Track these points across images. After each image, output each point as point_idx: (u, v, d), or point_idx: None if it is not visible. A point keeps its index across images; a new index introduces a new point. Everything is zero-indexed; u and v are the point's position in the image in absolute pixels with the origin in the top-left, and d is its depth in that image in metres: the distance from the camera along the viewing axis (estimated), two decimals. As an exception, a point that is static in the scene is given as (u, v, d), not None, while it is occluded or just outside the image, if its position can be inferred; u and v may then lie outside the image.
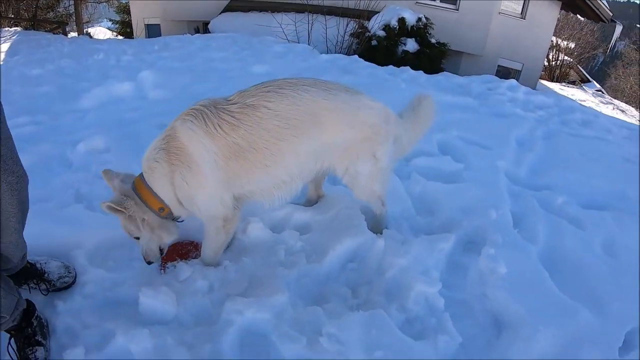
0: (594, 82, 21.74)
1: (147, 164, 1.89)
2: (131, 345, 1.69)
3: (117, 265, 2.11)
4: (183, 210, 1.99)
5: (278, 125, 1.84)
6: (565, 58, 21.43)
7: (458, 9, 11.17)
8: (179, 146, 1.81)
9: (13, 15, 15.02)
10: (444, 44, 9.84)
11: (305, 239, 2.32)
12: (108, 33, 21.87)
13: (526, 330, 1.88)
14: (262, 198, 2.03)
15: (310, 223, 2.47)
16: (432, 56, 9.47)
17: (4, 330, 1.65)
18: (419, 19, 9.60)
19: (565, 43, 21.66)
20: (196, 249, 2.24)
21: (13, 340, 1.68)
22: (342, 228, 2.32)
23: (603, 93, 20.06)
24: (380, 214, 2.35)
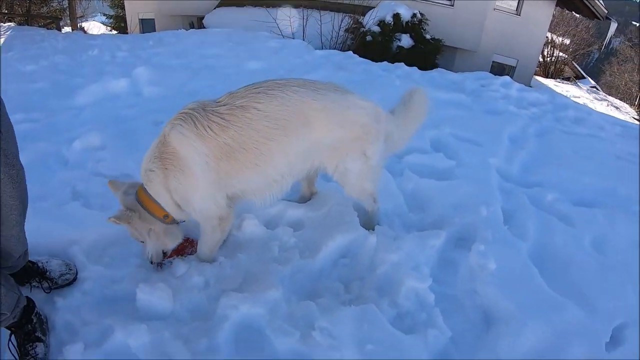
0: (589, 79, 21.73)
1: (145, 174, 1.92)
2: (130, 340, 1.71)
3: (114, 262, 2.13)
4: (183, 214, 2.02)
5: (267, 125, 1.86)
6: (560, 54, 21.39)
7: (453, 5, 11.12)
8: (171, 151, 1.84)
9: (6, 11, 14.87)
10: (438, 40, 9.82)
11: (299, 235, 2.34)
12: (102, 28, 21.71)
13: (515, 325, 1.90)
14: (254, 197, 2.06)
15: (303, 219, 2.49)
16: (427, 52, 9.47)
17: (5, 327, 1.67)
18: (414, 15, 9.58)
19: (560, 39, 21.63)
20: (192, 245, 2.26)
21: (13, 337, 1.70)
22: (335, 224, 2.34)
23: (598, 89, 20.08)
24: (372, 210, 2.38)
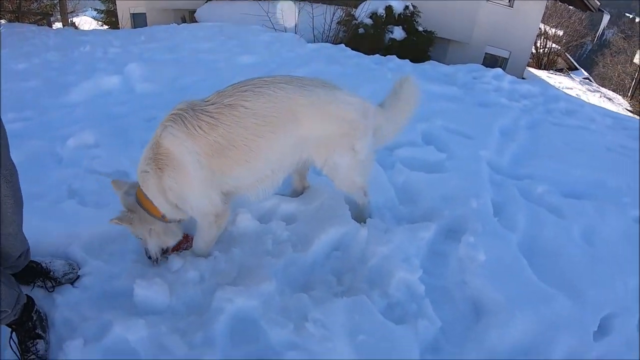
0: (582, 70, 21.72)
1: (140, 176, 1.96)
2: (128, 335, 1.75)
3: (111, 258, 2.16)
4: (179, 213, 2.05)
5: (256, 122, 1.89)
6: (553, 46, 21.37)
7: (445, -4, 11.16)
8: (164, 152, 1.87)
9: (-3, 8, 14.69)
10: (431, 32, 9.83)
11: (292, 228, 2.37)
12: (93, 23, 21.51)
13: (504, 315, 1.95)
14: (248, 192, 2.10)
15: (296, 213, 2.52)
16: (419, 44, 9.49)
17: (6, 325, 1.70)
18: (406, 7, 9.58)
19: (553, 31, 21.59)
20: (187, 240, 2.29)
21: (14, 335, 1.73)
22: (327, 218, 2.37)
23: (591, 81, 20.06)
24: (363, 203, 2.41)
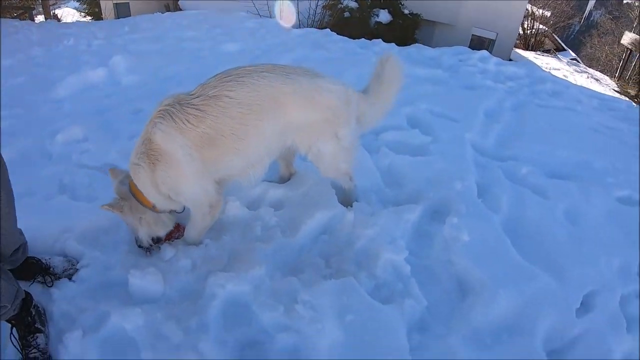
0: (569, 51, 21.65)
1: (132, 168, 2.00)
2: (125, 324, 1.80)
3: (105, 249, 2.20)
4: (171, 204, 2.11)
5: (241, 111, 1.93)
6: (541, 27, 21.31)
7: (430, -22, 11.09)
8: (156, 147, 1.92)
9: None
10: (417, 15, 9.81)
11: (280, 214, 2.43)
12: (76, 14, 21.08)
13: (488, 294, 2.02)
14: (240, 178, 2.17)
15: (283, 199, 2.57)
16: (405, 27, 9.48)
17: (6, 321, 1.74)
18: (392, -10, 9.58)
19: (540, 12, 21.50)
20: (178, 230, 2.33)
21: (15, 330, 1.77)
22: (314, 203, 2.43)
23: (578, 62, 19.99)
24: (349, 188, 2.47)
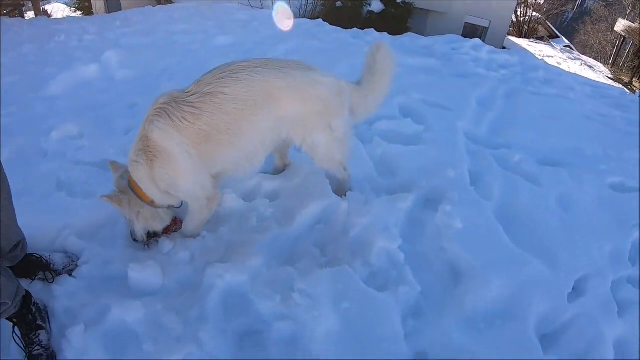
0: (563, 38, 21.49)
1: (131, 165, 2.04)
2: (126, 317, 1.84)
3: (104, 244, 2.23)
4: (170, 199, 2.15)
5: (236, 107, 1.97)
6: (534, 14, 21.22)
7: (422, -35, 11.03)
8: (153, 145, 1.95)
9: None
10: (409, 3, 9.81)
11: (275, 205, 2.47)
12: (66, 10, 20.85)
13: (480, 279, 2.07)
14: (236, 172, 2.21)
15: (278, 190, 2.60)
16: (398, 16, 9.49)
17: (8, 320, 1.77)
18: (383, -22, 9.55)
19: (534, -1, 21.50)
20: (175, 223, 2.37)
21: (17, 329, 1.79)
22: (309, 193, 2.46)
23: (572, 49, 19.91)
24: (343, 178, 2.51)
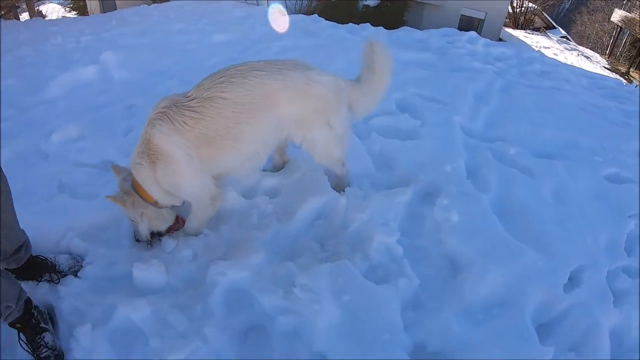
0: (559, 29, 21.47)
1: (134, 167, 2.08)
2: (132, 315, 1.89)
3: (108, 245, 2.27)
4: (173, 199, 2.20)
5: (235, 111, 2.01)
6: (530, 5, 21.13)
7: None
8: (155, 147, 2.00)
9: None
10: (404, -4, 9.84)
11: (275, 202, 2.51)
12: (61, 10, 20.78)
13: (478, 271, 2.12)
14: (237, 172, 2.27)
15: (278, 187, 2.64)
16: (394, 9, 9.49)
17: (12, 326, 1.79)
18: (378, -28, 9.53)
19: (530, -11, 21.40)
20: (178, 222, 2.40)
21: (22, 335, 1.82)
22: (308, 189, 2.50)
23: (569, 39, 19.87)
24: (342, 174, 2.54)
